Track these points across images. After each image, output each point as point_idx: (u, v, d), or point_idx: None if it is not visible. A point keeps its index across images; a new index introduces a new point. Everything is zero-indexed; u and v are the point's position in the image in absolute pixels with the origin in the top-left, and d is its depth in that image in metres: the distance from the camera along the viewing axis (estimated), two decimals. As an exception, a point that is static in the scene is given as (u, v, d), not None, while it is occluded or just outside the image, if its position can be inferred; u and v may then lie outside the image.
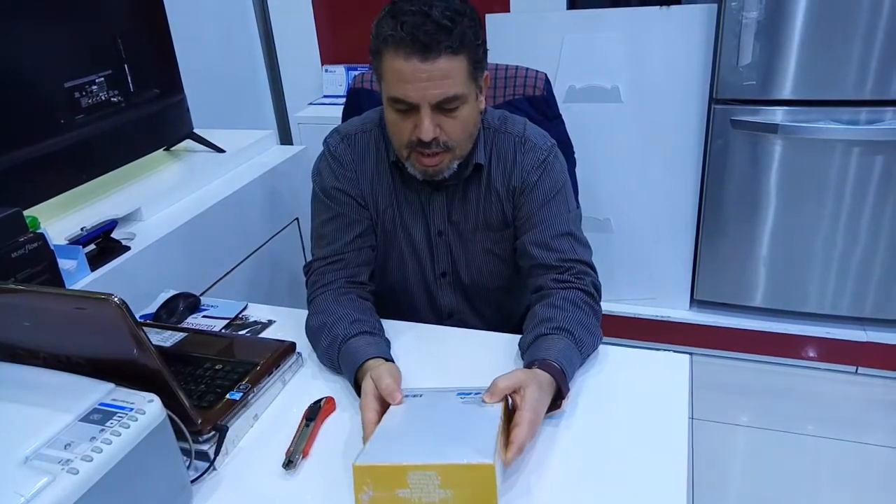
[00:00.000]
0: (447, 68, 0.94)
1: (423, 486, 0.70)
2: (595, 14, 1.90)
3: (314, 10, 2.48)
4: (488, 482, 0.69)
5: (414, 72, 0.93)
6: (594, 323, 1.02)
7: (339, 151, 1.13)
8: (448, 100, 0.96)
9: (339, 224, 1.12)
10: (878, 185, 1.83)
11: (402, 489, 0.70)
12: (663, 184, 2.03)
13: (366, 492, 0.71)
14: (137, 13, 1.63)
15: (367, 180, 1.13)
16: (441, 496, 0.70)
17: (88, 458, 0.64)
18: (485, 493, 0.70)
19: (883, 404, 1.94)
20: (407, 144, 1.01)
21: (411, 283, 1.20)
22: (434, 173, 1.04)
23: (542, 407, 0.84)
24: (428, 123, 0.96)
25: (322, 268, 1.11)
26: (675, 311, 2.19)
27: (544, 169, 1.10)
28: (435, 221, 1.15)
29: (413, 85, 0.94)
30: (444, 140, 1.00)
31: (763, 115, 1.84)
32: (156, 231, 1.43)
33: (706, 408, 1.95)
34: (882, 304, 1.98)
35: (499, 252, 1.16)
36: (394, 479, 0.70)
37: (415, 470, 0.70)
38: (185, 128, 1.79)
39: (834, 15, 1.68)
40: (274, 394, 0.97)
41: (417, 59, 0.93)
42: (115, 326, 0.74)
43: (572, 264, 1.07)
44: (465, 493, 0.70)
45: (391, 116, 1.01)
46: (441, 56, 0.93)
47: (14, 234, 1.08)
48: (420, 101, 0.95)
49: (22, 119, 1.33)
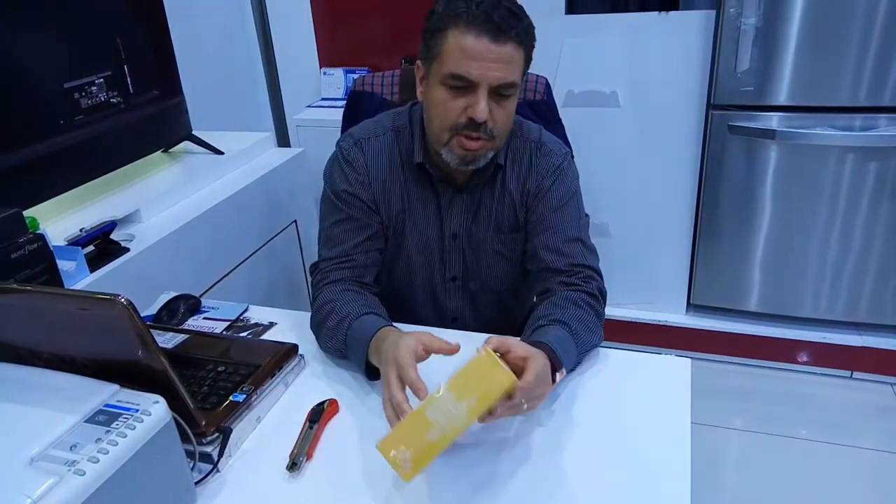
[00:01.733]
0: (512, 55, 0.97)
1: (445, 412, 0.70)
2: (594, 19, 1.91)
3: (313, 12, 2.48)
4: (494, 366, 0.72)
5: (482, 51, 0.95)
6: (594, 321, 1.02)
7: (351, 156, 1.13)
8: (506, 85, 0.98)
9: (348, 227, 1.12)
10: (872, 191, 1.85)
11: (430, 431, 0.70)
12: (661, 188, 2.04)
13: (402, 460, 0.70)
14: (137, 15, 1.62)
15: (379, 184, 1.13)
16: (466, 409, 0.70)
17: (95, 460, 0.64)
18: (497, 377, 0.72)
19: (877, 409, 1.95)
20: (451, 127, 1.01)
21: (417, 287, 1.21)
22: (473, 159, 1.04)
23: (544, 371, 0.83)
24: (484, 104, 0.97)
25: (329, 268, 1.11)
26: (671, 316, 2.20)
27: (559, 175, 1.12)
28: (452, 224, 1.15)
29: (479, 63, 0.95)
30: (491, 128, 1.00)
31: (760, 121, 1.85)
32: (155, 232, 1.43)
33: (702, 412, 1.94)
34: (877, 308, 1.99)
35: (508, 255, 1.17)
36: (417, 428, 0.70)
37: (429, 407, 0.70)
38: (183, 129, 1.79)
39: (830, 22, 1.70)
40: (277, 396, 0.97)
41: (488, 38, 0.95)
42: (120, 327, 0.73)
43: (580, 269, 1.08)
44: (483, 391, 0.71)
45: (441, 96, 1.00)
46: (509, 42, 0.96)
47: (13, 234, 1.08)
48: (481, 81, 0.96)
49: (21, 120, 1.33)
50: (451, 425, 0.70)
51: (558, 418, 0.91)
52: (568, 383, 0.97)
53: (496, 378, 0.73)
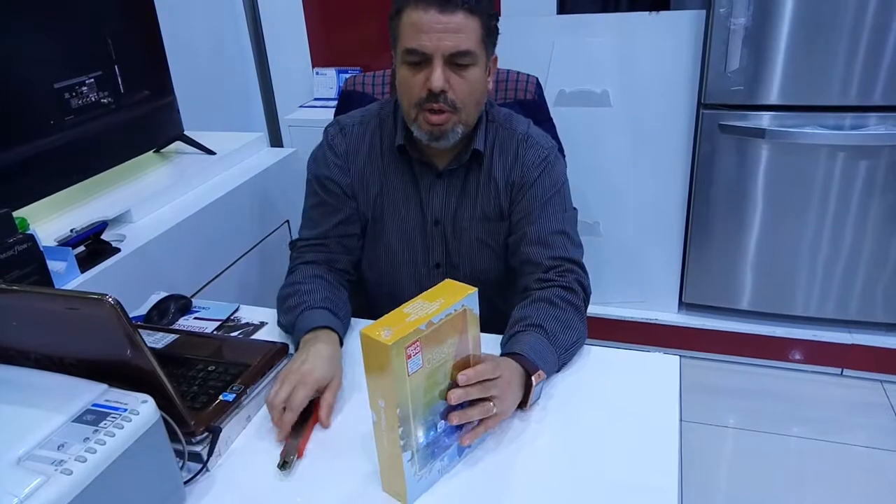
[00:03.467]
0: (462, 23, 0.99)
1: (420, 307, 0.76)
2: (585, 19, 1.92)
3: (305, 12, 2.48)
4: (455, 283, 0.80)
5: (431, 22, 0.98)
6: (572, 318, 1.02)
7: (335, 141, 1.17)
8: (460, 53, 1.00)
9: (324, 210, 1.17)
10: (862, 189, 1.86)
11: (406, 317, 0.74)
12: (652, 187, 2.04)
13: (383, 335, 0.72)
14: (128, 14, 1.62)
15: (357, 170, 1.16)
16: (437, 305, 0.76)
17: (82, 459, 0.64)
18: (460, 287, 0.79)
19: (868, 406, 1.96)
20: (416, 103, 1.04)
21: (402, 274, 1.21)
22: (440, 133, 1.05)
23: (507, 372, 0.87)
24: (439, 73, 1.00)
25: (305, 247, 1.17)
26: (663, 314, 2.21)
27: (545, 167, 1.13)
28: (433, 210, 1.16)
29: (429, 35, 0.99)
30: (452, 99, 1.02)
31: (750, 120, 1.86)
32: (146, 233, 1.43)
33: (693, 410, 1.96)
34: (867, 306, 2.00)
35: (492, 244, 1.18)
36: (397, 314, 0.75)
37: (406, 306, 0.76)
38: (175, 129, 1.78)
39: (820, 22, 1.71)
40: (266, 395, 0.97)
41: (436, 9, 0.98)
42: (108, 327, 0.73)
43: (560, 262, 1.09)
44: (449, 295, 0.77)
45: (403, 73, 1.04)
46: (458, 11, 0.98)
47: (3, 235, 1.08)
48: (434, 52, 0.99)
49: (11, 120, 1.33)
50: (424, 312, 0.74)
51: (547, 416, 0.91)
52: (557, 381, 0.98)
53: (455, 286, 0.79)
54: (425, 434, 0.77)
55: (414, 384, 0.74)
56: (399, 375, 0.72)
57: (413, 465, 0.77)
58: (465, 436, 0.82)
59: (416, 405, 0.75)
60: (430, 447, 0.79)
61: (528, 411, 0.92)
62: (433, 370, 0.76)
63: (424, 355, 0.74)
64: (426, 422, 0.77)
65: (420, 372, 0.74)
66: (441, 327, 0.75)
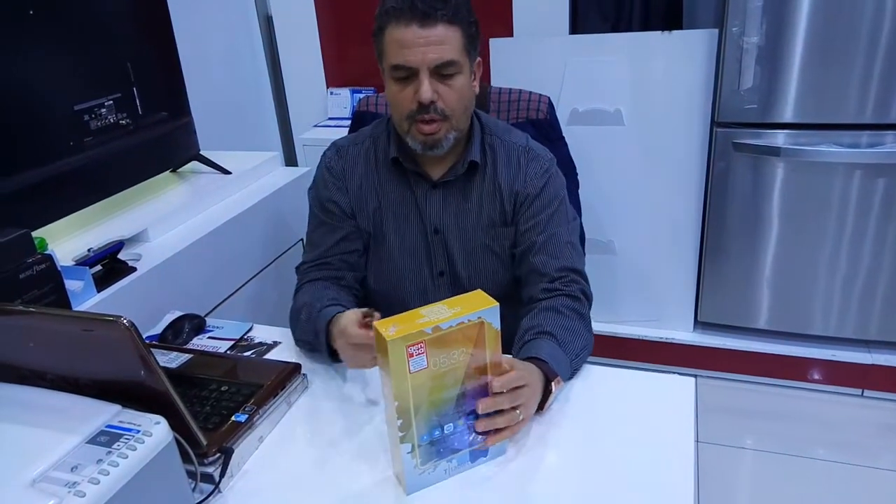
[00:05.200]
0: (444, 35, 1.02)
1: (435, 311, 0.78)
2: (597, 38, 1.92)
3: (320, 33, 2.51)
4: (481, 294, 0.81)
5: (413, 37, 1.01)
6: (579, 326, 1.05)
7: (332, 163, 1.21)
8: (445, 64, 1.03)
9: (325, 230, 1.20)
10: (880, 208, 1.84)
11: (419, 319, 0.77)
12: (666, 206, 2.03)
13: (389, 331, 0.74)
14: (146, 37, 1.65)
15: (354, 187, 1.19)
16: (452, 311, 0.78)
17: (95, 481, 0.64)
18: (481, 298, 0.80)
19: (890, 427, 1.92)
20: (407, 115, 1.07)
21: (407, 285, 1.22)
22: (433, 143, 1.08)
23: (531, 377, 0.89)
24: (427, 85, 1.02)
25: (309, 269, 1.20)
26: (678, 333, 2.18)
27: (548, 179, 1.17)
28: (431, 219, 1.18)
29: (412, 50, 1.01)
30: (442, 108, 1.05)
31: (765, 139, 1.85)
32: (162, 252, 1.44)
33: (711, 430, 1.93)
34: (887, 326, 1.97)
35: (497, 250, 1.19)
36: (410, 316, 0.77)
37: (424, 308, 0.79)
38: (191, 149, 1.81)
39: (834, 39, 1.70)
40: (279, 416, 0.97)
41: (417, 24, 1.00)
42: (122, 348, 0.74)
43: (566, 273, 1.12)
44: (468, 305, 0.79)
45: (392, 89, 1.07)
46: (438, 23, 1.01)
47: (22, 255, 1.09)
48: (419, 66, 1.02)
49: (31, 141, 1.35)
50: (437, 317, 0.76)
51: (561, 437, 0.90)
52: (571, 401, 0.97)
53: (481, 297, 0.81)
54: (429, 432, 0.80)
55: (416, 382, 0.77)
56: (398, 370, 0.75)
57: (413, 458, 0.80)
58: (491, 437, 0.85)
59: (419, 403, 0.78)
60: (434, 445, 0.82)
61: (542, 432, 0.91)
62: (441, 374, 0.79)
63: (430, 357, 0.77)
64: (430, 421, 0.80)
65: (424, 372, 0.77)
66: (450, 334, 0.77)
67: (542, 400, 0.92)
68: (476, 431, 0.84)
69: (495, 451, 0.87)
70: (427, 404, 0.79)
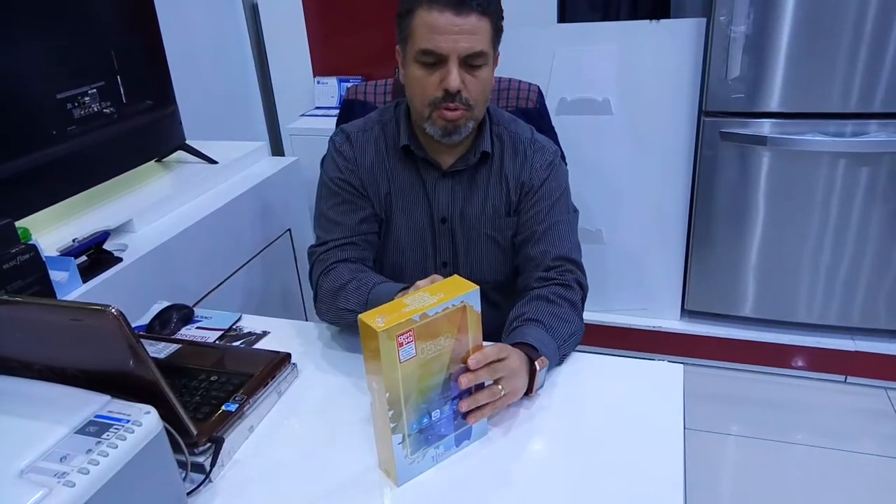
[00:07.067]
0: (476, 25, 1.01)
1: (419, 298, 0.79)
2: (586, 28, 1.92)
3: (306, 21, 2.49)
4: (459, 279, 0.82)
5: (447, 24, 1.00)
6: (568, 313, 1.06)
7: (342, 147, 1.19)
8: (475, 55, 1.02)
9: (345, 209, 1.17)
10: (863, 196, 1.86)
11: (404, 307, 0.77)
12: (654, 195, 2.04)
13: (377, 322, 0.75)
14: (130, 25, 1.63)
15: (366, 171, 1.18)
16: (435, 299, 0.78)
17: (85, 471, 0.64)
18: (461, 283, 0.81)
19: (871, 413, 1.95)
20: (430, 102, 1.06)
21: (409, 272, 1.22)
22: (453, 129, 1.08)
23: (513, 355, 0.90)
24: (455, 74, 1.02)
25: (336, 247, 1.15)
26: (666, 322, 2.20)
27: (552, 170, 1.17)
28: (440, 208, 1.18)
29: (445, 37, 1.00)
30: (466, 97, 1.05)
31: (751, 128, 1.86)
32: (148, 242, 1.43)
33: (697, 417, 1.95)
34: (870, 313, 2.00)
35: (500, 240, 1.20)
36: (395, 305, 0.78)
37: (407, 296, 0.79)
38: (177, 139, 1.79)
39: (820, 30, 1.71)
40: (269, 405, 0.96)
41: (451, 12, 0.99)
42: (111, 337, 0.73)
43: (561, 262, 1.13)
44: (450, 290, 0.80)
45: (417, 73, 1.05)
46: (472, 13, 1.00)
47: (5, 245, 1.08)
48: (450, 53, 1.01)
49: (14, 130, 1.33)
50: (422, 304, 0.77)
51: (550, 423, 0.91)
52: (559, 389, 0.98)
53: (460, 282, 0.82)
54: (418, 420, 0.81)
55: (406, 371, 0.77)
56: (389, 361, 0.75)
57: (404, 448, 0.80)
58: (472, 414, 0.85)
59: (409, 391, 0.79)
60: (423, 433, 0.82)
61: (529, 416, 0.91)
62: (428, 360, 0.79)
63: (418, 345, 0.77)
64: (419, 409, 0.81)
65: (413, 360, 0.77)
66: (436, 320, 0.78)
67: (530, 383, 0.93)
68: (460, 410, 0.84)
69: (479, 431, 0.88)
70: (416, 392, 0.80)
